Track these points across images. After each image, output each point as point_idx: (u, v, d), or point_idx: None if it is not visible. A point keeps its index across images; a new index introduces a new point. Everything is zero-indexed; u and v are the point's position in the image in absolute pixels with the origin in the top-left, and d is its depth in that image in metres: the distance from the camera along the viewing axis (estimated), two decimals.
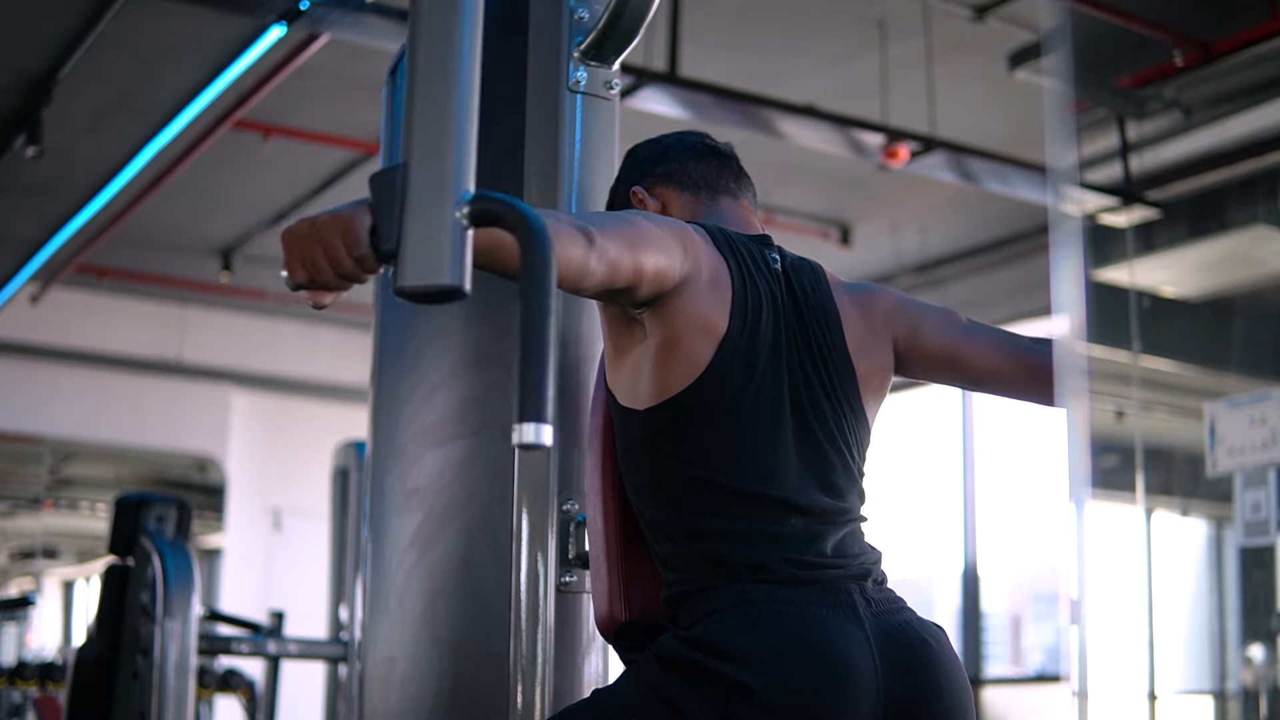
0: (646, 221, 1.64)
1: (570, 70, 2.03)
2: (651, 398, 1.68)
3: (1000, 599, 8.25)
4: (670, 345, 1.67)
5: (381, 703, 2.16)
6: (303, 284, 1.36)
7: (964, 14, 5.21)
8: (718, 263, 1.70)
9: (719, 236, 1.74)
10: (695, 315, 1.67)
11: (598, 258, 1.52)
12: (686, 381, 1.66)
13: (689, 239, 1.67)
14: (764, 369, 1.69)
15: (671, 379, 1.67)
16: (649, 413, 1.68)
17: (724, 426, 1.66)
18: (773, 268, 1.77)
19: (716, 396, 1.66)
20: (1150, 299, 5.55)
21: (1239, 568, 5.30)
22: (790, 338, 1.74)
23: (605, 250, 1.53)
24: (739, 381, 1.67)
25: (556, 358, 1.86)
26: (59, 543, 10.13)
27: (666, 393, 1.67)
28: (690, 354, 1.67)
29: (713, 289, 1.68)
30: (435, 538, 2.07)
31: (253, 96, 5.68)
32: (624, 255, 1.55)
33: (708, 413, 1.66)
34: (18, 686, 5.83)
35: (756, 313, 1.70)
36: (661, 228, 1.64)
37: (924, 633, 1.65)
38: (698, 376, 1.66)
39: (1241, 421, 4.76)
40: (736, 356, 1.68)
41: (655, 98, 5.06)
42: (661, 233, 1.63)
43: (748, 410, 1.67)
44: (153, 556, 4.08)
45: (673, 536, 1.67)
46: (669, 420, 1.67)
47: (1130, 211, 5.64)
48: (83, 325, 8.54)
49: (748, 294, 1.70)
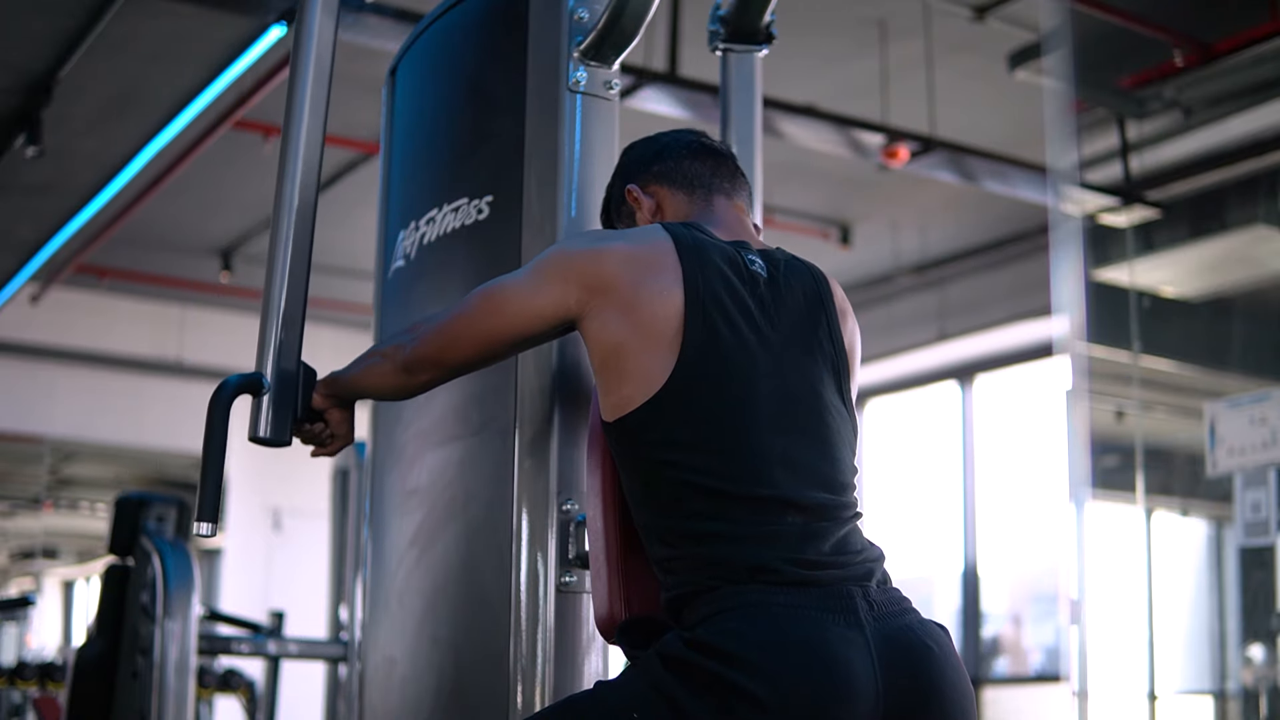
0: (491, 288, 1.78)
1: (570, 70, 2.03)
2: (615, 410, 1.70)
3: (1000, 599, 8.25)
4: (614, 360, 1.70)
5: (381, 703, 2.16)
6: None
7: (964, 14, 5.21)
8: (660, 270, 1.70)
9: (685, 242, 1.74)
10: (627, 329, 1.69)
11: (405, 370, 1.83)
12: (648, 392, 1.67)
13: (578, 267, 1.73)
14: (746, 369, 1.69)
15: (631, 390, 1.68)
16: (618, 424, 1.70)
17: (705, 429, 1.66)
18: (751, 269, 1.76)
19: (689, 401, 1.67)
20: (1150, 299, 5.55)
21: (1239, 568, 5.30)
22: (778, 336, 1.73)
23: (417, 353, 1.81)
24: (713, 384, 1.67)
25: (556, 358, 1.86)
26: (59, 543, 10.13)
27: (630, 403, 1.68)
28: (640, 366, 1.68)
29: (650, 299, 1.69)
30: (435, 538, 2.07)
31: (253, 96, 5.68)
32: (446, 346, 1.80)
33: (682, 417, 1.67)
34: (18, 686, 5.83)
35: (725, 315, 1.70)
36: (520, 282, 1.76)
37: (925, 636, 1.64)
38: (661, 385, 1.67)
39: (1241, 421, 4.76)
40: (705, 360, 1.68)
41: (655, 98, 5.06)
42: (516, 289, 1.76)
43: (731, 411, 1.67)
44: (153, 556, 4.08)
45: (667, 540, 1.67)
46: (639, 429, 1.68)
47: (1130, 211, 5.64)
48: (83, 325, 8.54)
49: (708, 298, 1.70)
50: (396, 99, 2.39)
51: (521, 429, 1.94)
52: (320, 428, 1.96)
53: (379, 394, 1.93)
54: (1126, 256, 5.57)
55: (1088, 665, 4.88)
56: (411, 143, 2.32)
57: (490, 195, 2.06)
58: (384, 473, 2.25)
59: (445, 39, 2.28)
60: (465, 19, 2.23)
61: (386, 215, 2.35)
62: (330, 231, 7.36)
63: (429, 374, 1.84)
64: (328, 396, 1.95)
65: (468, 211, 2.09)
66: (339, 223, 7.21)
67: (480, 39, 2.19)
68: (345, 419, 1.96)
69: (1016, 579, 8.27)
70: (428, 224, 2.17)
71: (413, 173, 2.29)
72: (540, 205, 2.00)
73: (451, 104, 2.24)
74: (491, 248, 2.04)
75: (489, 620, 1.92)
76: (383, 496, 2.24)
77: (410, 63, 2.38)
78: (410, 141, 2.32)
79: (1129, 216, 5.65)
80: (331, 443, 1.97)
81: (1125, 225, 5.64)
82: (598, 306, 1.71)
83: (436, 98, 2.28)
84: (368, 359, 1.91)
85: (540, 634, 1.89)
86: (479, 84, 2.17)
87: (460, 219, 2.10)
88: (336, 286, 8.10)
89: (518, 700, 1.87)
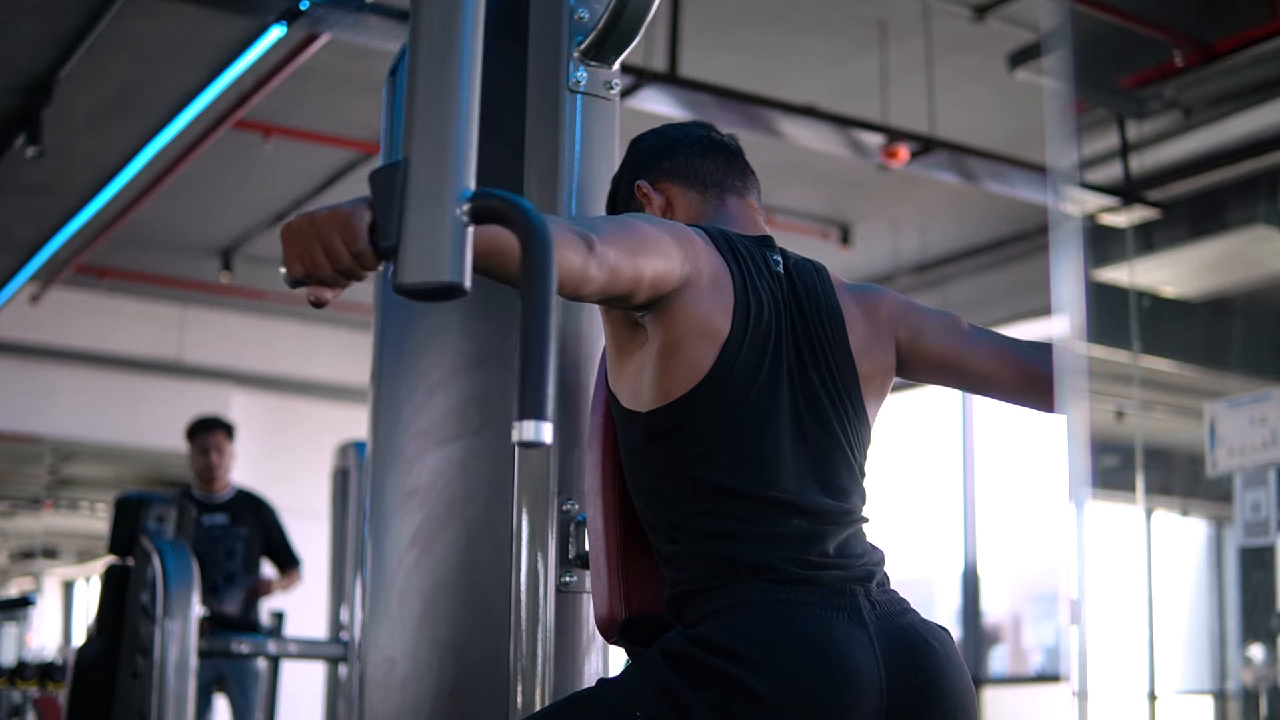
0: (647, 225, 1.63)
1: (570, 70, 2.03)
2: (654, 400, 1.68)
3: (1000, 599, 8.25)
4: (672, 349, 1.67)
5: (381, 703, 2.16)
6: (300, 279, 1.35)
7: (964, 14, 5.21)
8: (719, 266, 1.70)
9: (720, 239, 1.74)
10: (696, 319, 1.67)
11: (597, 264, 1.51)
12: (689, 385, 1.66)
13: (689, 242, 1.67)
14: (767, 371, 1.69)
15: (674, 382, 1.67)
16: (652, 415, 1.68)
17: (727, 428, 1.66)
18: (774, 269, 1.76)
19: (720, 399, 1.66)
20: (1150, 299, 5.55)
21: (1239, 568, 5.30)
22: (793, 339, 1.73)
23: (604, 256, 1.52)
24: (742, 384, 1.67)
25: (557, 357, 1.86)
26: (59, 543, 10.13)
27: (669, 396, 1.67)
28: (692, 357, 1.67)
29: (713, 292, 1.68)
30: (435, 538, 2.07)
31: (253, 96, 5.68)
32: (623, 261, 1.55)
33: (711, 415, 1.67)
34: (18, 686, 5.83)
35: (758, 315, 1.70)
36: (661, 231, 1.64)
37: (927, 635, 1.64)
38: (700, 380, 1.66)
39: (1241, 421, 4.76)
40: (739, 359, 1.68)
41: (655, 98, 5.06)
42: (661, 237, 1.63)
43: (751, 412, 1.67)
44: (153, 556, 4.08)
45: (675, 537, 1.67)
46: (672, 423, 1.67)
47: (1130, 211, 5.64)
48: (83, 325, 8.54)
49: (749, 297, 1.70)
50: (397, 99, 2.39)
51: None
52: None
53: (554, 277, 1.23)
54: (1126, 256, 5.57)
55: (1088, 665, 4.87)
56: None
57: None
58: (384, 473, 2.25)
59: None
60: None
61: None
62: None
63: (607, 277, 1.54)
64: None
65: None
66: None
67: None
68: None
69: (1016, 579, 8.27)
70: None
71: None
72: (540, 205, 2.00)
73: None
74: None
75: (489, 620, 1.92)
76: (383, 496, 2.24)
77: None
78: None
79: (1129, 216, 5.65)
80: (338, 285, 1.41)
81: (1125, 225, 5.64)
82: (682, 292, 1.66)
83: None
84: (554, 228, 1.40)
85: (540, 634, 1.89)
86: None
87: None
88: None
89: (518, 700, 1.87)
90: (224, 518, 5.59)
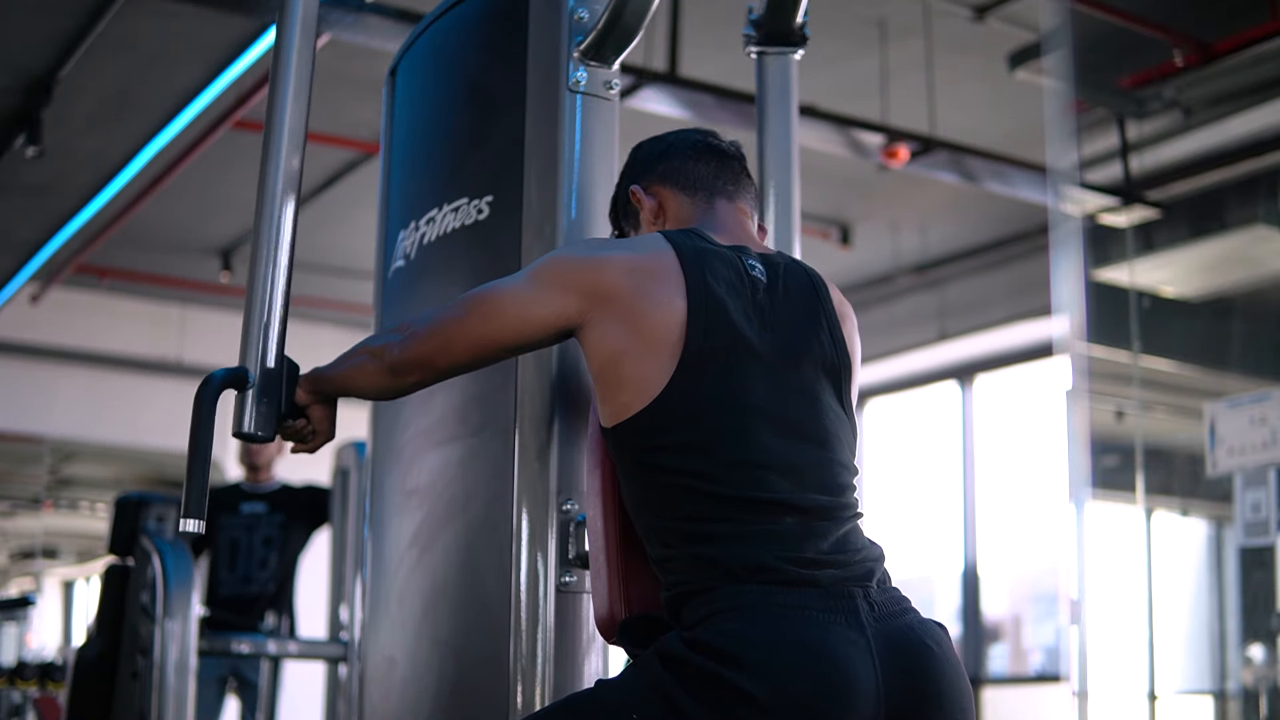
0: (492, 292, 1.76)
1: (570, 70, 2.03)
2: (613, 417, 1.71)
3: (1000, 599, 8.25)
4: (611, 368, 1.70)
5: (381, 703, 2.16)
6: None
7: (964, 14, 5.21)
8: (663, 280, 1.71)
9: (686, 250, 1.74)
10: (628, 338, 1.69)
11: (393, 372, 1.81)
12: (647, 398, 1.68)
13: (584, 272, 1.73)
14: (745, 375, 1.69)
15: (629, 397, 1.69)
16: (616, 430, 1.71)
17: (703, 434, 1.66)
18: (751, 274, 1.76)
19: (688, 407, 1.67)
20: (1150, 299, 5.56)
21: (1239, 568, 5.30)
22: (777, 341, 1.73)
23: (405, 357, 1.79)
24: (712, 390, 1.67)
25: (554, 360, 1.85)
26: (59, 543, 10.13)
27: (628, 410, 1.69)
28: (640, 373, 1.68)
29: (653, 308, 1.69)
30: (435, 538, 2.07)
31: (253, 96, 5.68)
32: (434, 350, 1.78)
33: (681, 423, 1.67)
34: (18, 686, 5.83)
35: (725, 322, 1.70)
36: (525, 286, 1.74)
37: (926, 636, 1.64)
38: (659, 392, 1.67)
39: (1241, 421, 4.76)
40: (705, 367, 1.68)
41: (655, 98, 5.06)
42: (519, 293, 1.74)
43: (729, 416, 1.67)
44: (153, 556, 4.08)
45: (667, 541, 1.67)
46: (637, 435, 1.68)
47: (1130, 211, 5.64)
48: (83, 325, 8.54)
49: (712, 304, 1.70)
50: (396, 99, 2.39)
51: (521, 429, 1.94)
52: (303, 424, 1.93)
53: (364, 394, 1.89)
54: (1126, 256, 5.57)
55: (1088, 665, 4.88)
56: (411, 143, 2.32)
57: (490, 195, 2.06)
58: (384, 473, 2.25)
59: (445, 39, 2.28)
60: (465, 19, 2.23)
61: (386, 215, 2.35)
62: (330, 231, 7.38)
63: (417, 376, 1.82)
64: (311, 393, 1.92)
65: (468, 211, 2.09)
66: (339, 223, 7.21)
67: (480, 39, 2.19)
68: (327, 416, 1.93)
69: (1016, 579, 8.27)
70: (428, 224, 2.17)
71: (413, 173, 2.29)
72: (540, 205, 2.00)
73: (451, 104, 2.24)
74: (491, 248, 2.04)
75: (489, 620, 1.92)
76: (383, 496, 2.24)
77: (410, 63, 2.38)
78: (410, 141, 2.32)
79: (1129, 216, 5.65)
80: (313, 439, 1.94)
81: (1125, 225, 5.64)
82: (599, 316, 1.71)
83: (436, 98, 2.28)
84: (354, 357, 1.88)
85: (540, 634, 1.89)
86: (479, 84, 2.17)
87: (460, 219, 2.10)
88: (336, 286, 8.11)
89: (518, 700, 1.87)
90: (263, 506, 5.60)
